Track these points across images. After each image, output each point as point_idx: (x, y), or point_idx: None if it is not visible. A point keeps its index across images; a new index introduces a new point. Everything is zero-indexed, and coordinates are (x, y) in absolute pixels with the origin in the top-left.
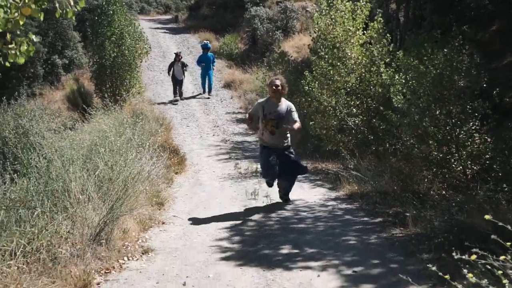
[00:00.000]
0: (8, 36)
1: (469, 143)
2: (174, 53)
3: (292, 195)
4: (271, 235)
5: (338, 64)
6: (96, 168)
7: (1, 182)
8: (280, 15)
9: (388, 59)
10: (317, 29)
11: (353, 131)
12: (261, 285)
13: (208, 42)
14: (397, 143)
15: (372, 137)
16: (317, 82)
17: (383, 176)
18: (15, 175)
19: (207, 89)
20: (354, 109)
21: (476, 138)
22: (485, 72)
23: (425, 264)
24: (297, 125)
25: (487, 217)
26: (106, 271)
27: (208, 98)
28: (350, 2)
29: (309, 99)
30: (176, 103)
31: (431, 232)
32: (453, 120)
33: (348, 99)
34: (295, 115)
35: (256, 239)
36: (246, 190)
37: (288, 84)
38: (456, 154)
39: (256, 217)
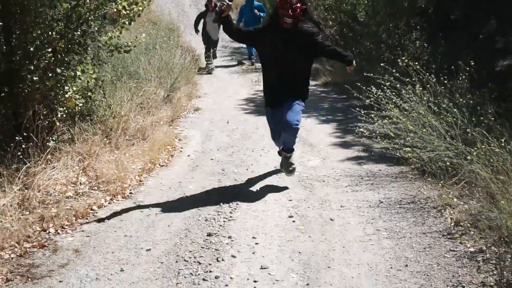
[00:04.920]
0: None
1: (410, 47)
2: None
3: None
4: None
5: None
6: (153, 60)
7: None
8: None
9: None
10: None
11: (329, 38)
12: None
13: None
14: (361, 47)
15: (342, 43)
16: None
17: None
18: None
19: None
20: (330, 22)
21: (417, 45)
22: None
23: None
24: None
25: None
26: (178, 118)
27: (252, 65)
28: None
29: None
30: (212, 71)
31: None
32: (400, 31)
33: (325, 13)
34: None
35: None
36: (251, 79)
37: None
38: (402, 56)
39: (261, 94)
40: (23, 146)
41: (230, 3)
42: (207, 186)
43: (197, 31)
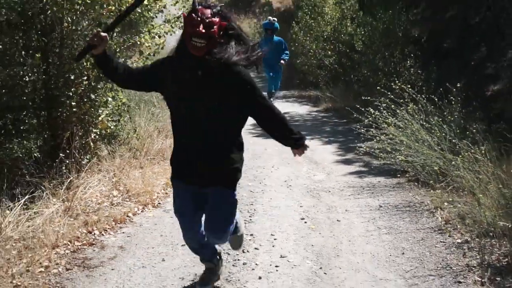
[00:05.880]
0: None
1: (405, 74)
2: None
3: (287, 109)
4: None
5: (318, 18)
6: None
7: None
8: None
9: (353, 15)
10: None
11: (328, 67)
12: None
13: (275, 20)
14: (358, 75)
15: (341, 71)
16: (302, 32)
17: (348, 97)
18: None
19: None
20: (329, 52)
21: (412, 72)
22: (426, 24)
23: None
24: None
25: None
26: None
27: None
28: None
29: (296, 44)
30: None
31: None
32: (395, 59)
33: (324, 44)
34: None
35: None
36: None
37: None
38: (397, 82)
39: None
40: (66, 163)
41: (103, 34)
42: None
43: None
